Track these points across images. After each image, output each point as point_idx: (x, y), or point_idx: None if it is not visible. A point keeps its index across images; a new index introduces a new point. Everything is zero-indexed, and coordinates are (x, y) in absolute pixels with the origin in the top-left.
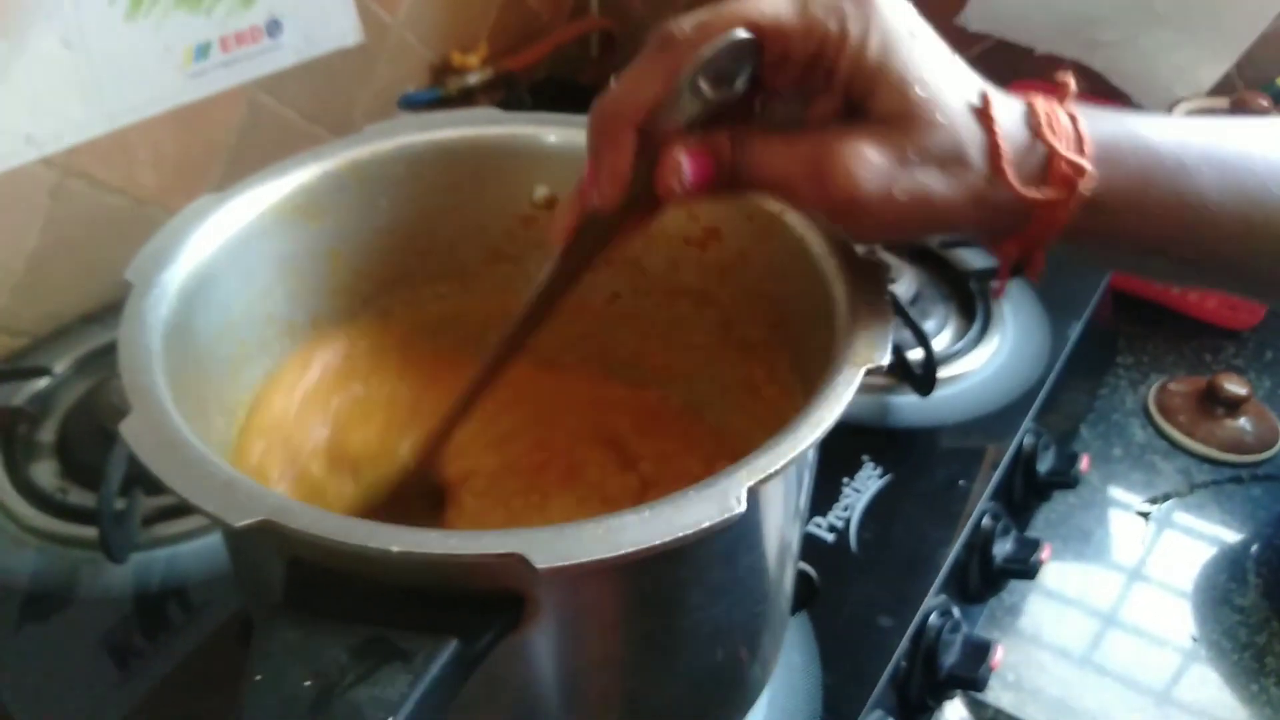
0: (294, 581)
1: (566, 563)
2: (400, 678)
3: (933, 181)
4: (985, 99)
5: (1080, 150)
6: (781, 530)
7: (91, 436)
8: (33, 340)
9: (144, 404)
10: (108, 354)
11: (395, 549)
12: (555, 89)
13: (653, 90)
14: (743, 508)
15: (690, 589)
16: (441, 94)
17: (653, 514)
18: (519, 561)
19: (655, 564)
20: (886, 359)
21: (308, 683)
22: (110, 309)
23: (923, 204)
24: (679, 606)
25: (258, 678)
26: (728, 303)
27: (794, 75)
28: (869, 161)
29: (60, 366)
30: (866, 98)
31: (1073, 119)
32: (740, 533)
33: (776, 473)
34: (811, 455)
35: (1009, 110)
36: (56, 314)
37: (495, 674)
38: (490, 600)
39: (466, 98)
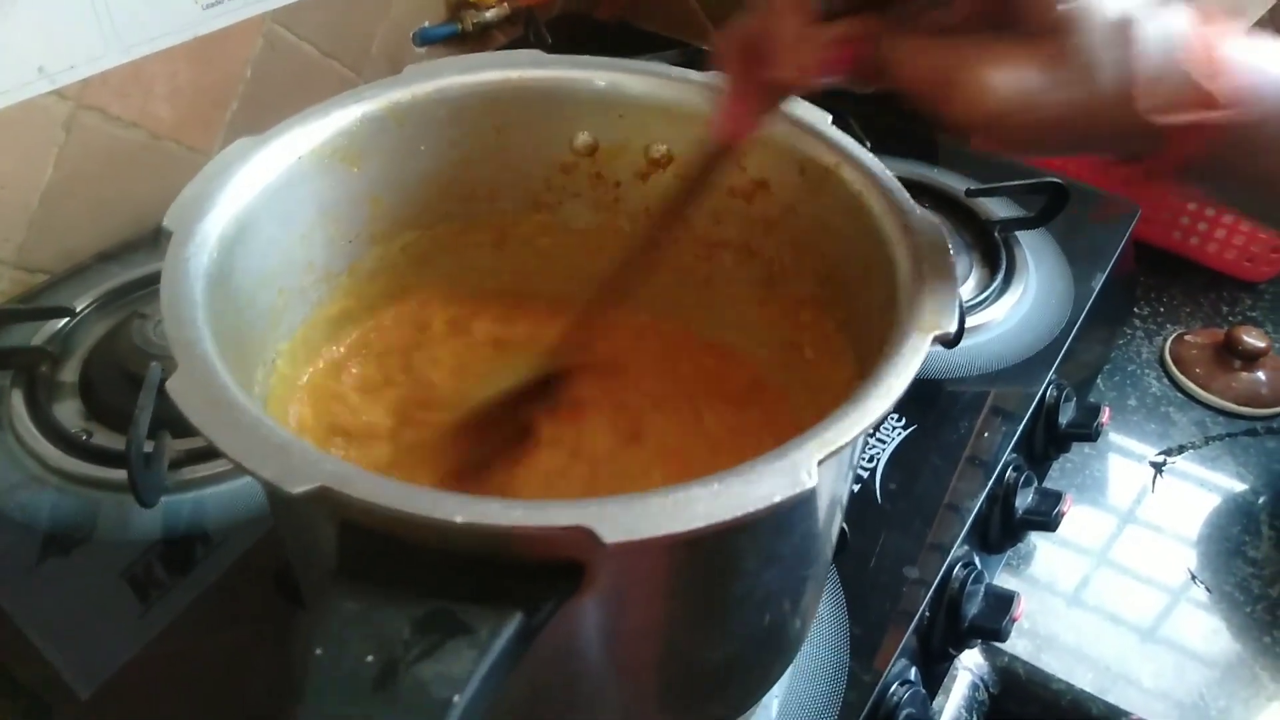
0: (348, 548)
1: (634, 537)
2: (465, 653)
3: (1066, 99)
4: (1132, 17)
5: (1220, 80)
6: (833, 495)
7: (114, 377)
8: (50, 278)
9: (190, 360)
10: (127, 293)
11: (459, 519)
12: (570, 25)
13: None
14: (814, 482)
15: (747, 557)
16: (459, 29)
17: (722, 487)
18: (586, 535)
19: (717, 535)
20: (954, 326)
21: (370, 657)
22: (128, 247)
23: (1053, 123)
24: (735, 574)
25: (318, 651)
26: (772, 257)
27: None
28: (1004, 79)
29: (80, 305)
30: (1011, 5)
31: (1218, 45)
32: (802, 503)
33: (846, 445)
34: None
35: (1159, 29)
36: (73, 251)
37: (543, 640)
38: (550, 570)
39: (483, 33)
